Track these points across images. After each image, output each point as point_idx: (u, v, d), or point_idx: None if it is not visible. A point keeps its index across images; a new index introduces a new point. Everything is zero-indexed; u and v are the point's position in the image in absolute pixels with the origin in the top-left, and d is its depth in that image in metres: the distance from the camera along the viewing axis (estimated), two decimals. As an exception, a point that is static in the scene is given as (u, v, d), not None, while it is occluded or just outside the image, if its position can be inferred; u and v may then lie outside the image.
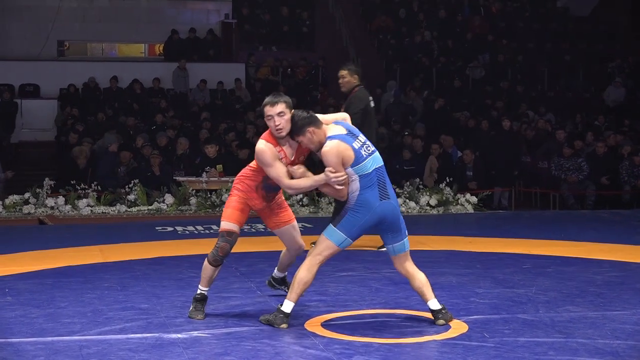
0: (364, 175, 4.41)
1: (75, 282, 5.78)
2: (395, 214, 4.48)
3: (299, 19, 17.92)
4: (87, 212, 9.93)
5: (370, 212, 4.41)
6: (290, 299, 4.49)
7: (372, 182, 4.42)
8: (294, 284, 4.49)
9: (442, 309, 4.57)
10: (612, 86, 16.14)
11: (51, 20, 16.50)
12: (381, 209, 4.42)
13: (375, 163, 4.47)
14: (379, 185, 4.44)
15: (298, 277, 4.47)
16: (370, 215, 4.41)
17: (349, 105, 7.03)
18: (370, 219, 4.42)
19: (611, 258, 6.69)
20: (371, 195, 4.41)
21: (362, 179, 4.41)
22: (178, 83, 15.58)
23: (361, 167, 4.41)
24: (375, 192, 4.42)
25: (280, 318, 4.49)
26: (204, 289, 4.71)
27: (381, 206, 4.42)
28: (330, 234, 4.47)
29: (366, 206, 4.41)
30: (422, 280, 4.57)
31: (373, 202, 4.41)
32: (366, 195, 4.41)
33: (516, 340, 4.25)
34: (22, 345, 4.20)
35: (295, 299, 4.49)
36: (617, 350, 4.10)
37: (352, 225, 4.42)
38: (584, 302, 5.11)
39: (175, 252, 7.06)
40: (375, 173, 4.44)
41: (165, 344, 4.20)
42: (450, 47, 17.25)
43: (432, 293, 4.58)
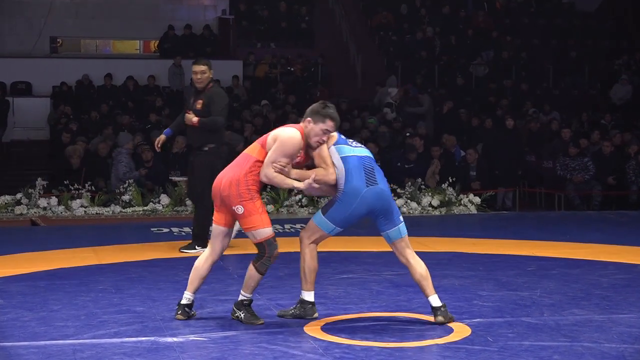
0: (346, 157, 4.46)
1: (68, 284, 5.73)
2: (384, 198, 4.49)
3: (298, 15, 17.85)
4: (81, 213, 9.86)
5: (358, 198, 4.43)
6: (308, 288, 4.59)
7: (357, 168, 4.46)
8: (304, 274, 4.54)
9: (442, 306, 4.54)
10: (619, 84, 16.06)
11: (44, 16, 16.43)
12: (369, 194, 4.44)
13: (363, 153, 4.56)
14: (365, 171, 4.47)
15: (306, 266, 4.54)
16: (359, 202, 4.43)
17: (210, 103, 6.88)
18: (360, 207, 4.45)
19: (617, 260, 6.65)
20: (358, 182, 4.44)
21: (346, 160, 4.45)
22: (174, 80, 15.49)
23: (342, 148, 4.50)
24: (361, 177, 4.45)
25: (309, 308, 4.61)
26: (248, 295, 4.60)
27: (369, 191, 4.44)
28: (319, 222, 4.54)
29: (353, 193, 4.43)
30: (422, 273, 4.55)
31: (360, 188, 4.43)
32: (353, 182, 4.44)
33: (520, 344, 4.19)
34: (15, 349, 4.14)
35: (313, 287, 4.60)
36: (624, 354, 4.05)
37: (340, 213, 4.47)
38: (589, 305, 5.07)
39: (171, 254, 7.03)
40: (359, 159, 4.50)
41: (161, 348, 4.15)
42: (453, 44, 17.17)
43: (432, 288, 4.56)
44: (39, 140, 14.25)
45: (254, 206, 4.46)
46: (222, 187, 4.50)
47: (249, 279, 4.55)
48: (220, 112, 6.94)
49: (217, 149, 6.92)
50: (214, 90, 7.03)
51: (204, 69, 6.95)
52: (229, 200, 4.48)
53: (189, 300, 4.67)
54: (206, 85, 6.96)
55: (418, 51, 16.80)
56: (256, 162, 4.50)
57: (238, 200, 4.45)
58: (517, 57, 17.03)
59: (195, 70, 6.99)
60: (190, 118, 6.90)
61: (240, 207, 4.45)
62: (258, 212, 4.46)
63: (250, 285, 4.57)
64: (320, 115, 4.48)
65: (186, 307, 4.67)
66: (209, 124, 6.87)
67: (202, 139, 6.91)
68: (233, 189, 4.46)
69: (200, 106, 6.89)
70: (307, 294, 4.60)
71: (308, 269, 4.54)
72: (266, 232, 4.48)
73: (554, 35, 17.85)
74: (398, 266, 6.34)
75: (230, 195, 4.46)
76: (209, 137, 6.91)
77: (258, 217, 4.46)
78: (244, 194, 4.45)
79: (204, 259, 4.67)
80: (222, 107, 6.94)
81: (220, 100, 6.95)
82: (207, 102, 6.88)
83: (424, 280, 4.53)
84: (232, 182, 4.47)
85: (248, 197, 4.45)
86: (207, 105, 6.87)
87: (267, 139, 4.53)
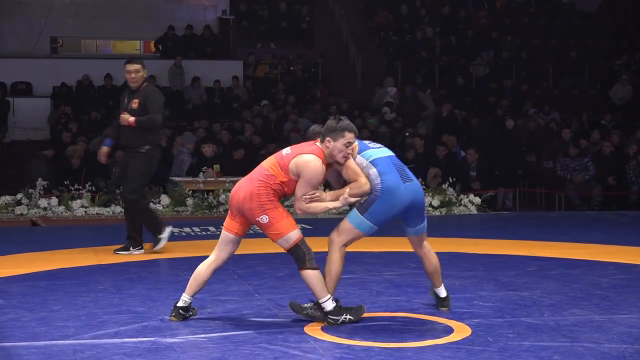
0: (374, 160, 4.50)
1: (69, 284, 5.72)
2: (420, 193, 4.59)
3: (298, 15, 17.83)
4: (81, 213, 9.85)
5: (397, 196, 4.46)
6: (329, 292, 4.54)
7: (389, 166, 4.51)
8: (329, 276, 4.50)
9: (447, 296, 4.82)
10: (619, 84, 16.04)
11: (44, 17, 16.41)
12: (407, 190, 4.49)
13: (382, 152, 4.60)
14: (397, 168, 4.53)
15: (333, 270, 4.51)
16: (398, 199, 4.46)
17: (146, 101, 6.79)
18: (400, 203, 4.48)
19: (617, 260, 6.64)
20: (394, 179, 4.48)
21: (375, 163, 4.48)
22: (174, 81, 15.48)
23: (367, 154, 4.53)
24: (396, 175, 4.49)
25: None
26: (328, 296, 4.51)
27: (406, 188, 4.49)
28: (357, 222, 4.51)
29: (392, 191, 4.46)
30: (436, 265, 4.77)
31: (398, 185, 4.47)
32: (389, 181, 4.46)
33: (520, 344, 4.18)
34: (15, 349, 4.13)
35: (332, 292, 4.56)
36: (624, 354, 4.03)
37: (381, 213, 4.48)
38: (589, 305, 5.06)
39: (171, 254, 7.01)
40: (387, 158, 4.55)
41: (162, 349, 4.13)
42: (453, 44, 17.16)
43: (441, 280, 4.80)
44: (39, 140, 14.25)
45: (278, 213, 4.44)
46: (242, 201, 4.47)
47: (316, 283, 4.46)
48: (158, 110, 6.84)
49: (153, 150, 6.85)
50: (149, 89, 6.96)
51: (138, 68, 6.85)
52: (250, 214, 4.46)
53: (185, 302, 4.65)
54: (140, 84, 6.87)
55: (418, 51, 16.79)
56: (271, 176, 4.46)
57: (260, 212, 4.43)
58: (517, 57, 17.01)
59: (129, 69, 6.85)
60: (126, 118, 6.79)
61: (264, 216, 4.44)
62: (283, 216, 4.45)
63: (322, 286, 4.48)
64: (337, 132, 4.47)
65: (181, 309, 4.65)
66: (147, 122, 6.78)
67: (139, 139, 6.79)
68: (254, 202, 4.43)
69: (137, 105, 6.80)
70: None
71: (336, 273, 4.50)
72: (296, 235, 4.46)
73: (554, 36, 17.84)
74: (398, 266, 6.37)
75: (252, 209, 4.44)
76: (145, 137, 6.80)
77: (285, 222, 4.44)
78: (265, 204, 4.42)
79: (207, 265, 4.64)
80: (159, 105, 6.86)
81: (156, 99, 6.87)
82: (143, 101, 6.80)
83: (436, 272, 4.77)
84: (253, 196, 4.43)
85: (271, 207, 4.43)
86: (143, 104, 6.79)
87: (289, 164, 4.44)
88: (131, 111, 6.82)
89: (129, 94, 6.94)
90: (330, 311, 4.52)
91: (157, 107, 6.85)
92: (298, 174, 4.45)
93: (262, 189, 4.44)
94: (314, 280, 4.47)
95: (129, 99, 6.89)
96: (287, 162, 4.48)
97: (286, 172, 4.46)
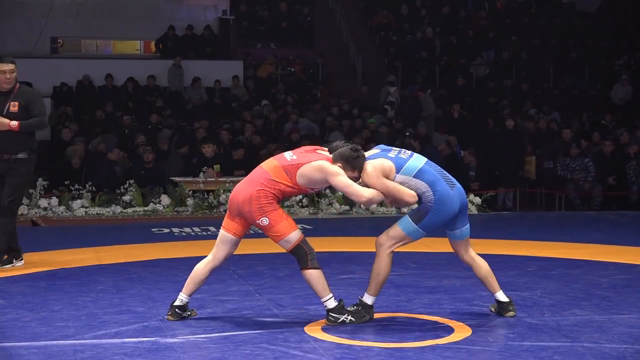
0: (417, 172, 4.47)
1: (69, 284, 5.72)
2: (465, 195, 4.60)
3: (298, 15, 17.82)
4: (82, 214, 9.84)
5: (449, 204, 4.47)
6: (373, 294, 4.56)
7: (434, 175, 4.49)
8: (377, 280, 4.51)
9: (511, 301, 4.64)
10: (619, 84, 16.03)
11: (44, 17, 16.39)
12: (456, 194, 4.50)
13: (420, 161, 4.55)
14: (441, 175, 4.53)
15: (382, 273, 4.52)
16: (450, 206, 4.48)
17: (29, 103, 6.34)
18: (452, 211, 4.49)
19: (617, 260, 6.65)
20: (443, 187, 4.48)
21: (419, 176, 4.46)
22: (173, 81, 15.48)
23: (407, 169, 4.47)
24: (443, 183, 4.49)
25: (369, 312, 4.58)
26: (330, 295, 4.51)
27: (455, 192, 4.50)
28: (410, 231, 4.51)
29: (445, 201, 4.47)
30: (488, 270, 4.64)
31: (449, 192, 4.48)
32: (440, 190, 4.46)
33: (521, 344, 4.18)
34: (15, 349, 4.12)
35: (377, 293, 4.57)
36: (624, 354, 4.03)
37: (434, 223, 4.50)
38: (590, 305, 5.06)
39: (172, 254, 7.02)
40: (428, 166, 4.53)
41: (162, 349, 4.13)
42: (454, 44, 17.15)
43: (497, 284, 4.64)
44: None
45: (278, 215, 4.44)
46: (241, 203, 4.47)
47: (317, 282, 4.47)
48: (44, 112, 6.50)
49: (32, 155, 6.44)
50: (27, 90, 6.57)
51: (13, 68, 6.34)
52: (250, 216, 4.46)
53: (182, 302, 4.65)
54: (14, 85, 6.37)
55: (418, 51, 16.78)
56: (273, 182, 4.46)
57: (260, 214, 4.43)
58: (518, 57, 17.01)
59: (4, 69, 6.29)
60: (6, 123, 6.21)
61: (264, 219, 4.44)
62: (282, 218, 4.45)
63: (324, 286, 4.48)
64: (350, 166, 4.46)
65: (177, 308, 4.65)
66: (36, 125, 6.39)
67: (20, 145, 6.30)
68: (253, 205, 4.43)
69: (17, 108, 6.28)
70: (371, 299, 4.57)
71: (383, 277, 4.53)
72: (296, 235, 4.46)
73: (554, 36, 17.83)
74: (398, 266, 6.35)
75: (252, 211, 4.44)
76: (26, 142, 6.35)
77: (285, 223, 4.45)
78: (264, 206, 4.43)
79: (204, 264, 4.65)
80: (43, 107, 6.51)
81: (40, 100, 6.51)
82: (24, 104, 6.31)
83: (490, 276, 4.66)
84: (252, 198, 4.44)
85: (270, 209, 4.43)
86: (25, 106, 6.31)
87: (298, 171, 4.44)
88: (10, 115, 6.28)
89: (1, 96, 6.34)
90: (332, 309, 4.52)
91: (42, 108, 6.47)
92: (311, 180, 4.45)
93: (262, 192, 4.44)
94: (315, 280, 4.47)
95: (1, 101, 6.32)
96: (294, 168, 4.46)
97: (292, 178, 4.46)
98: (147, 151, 10.84)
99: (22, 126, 6.28)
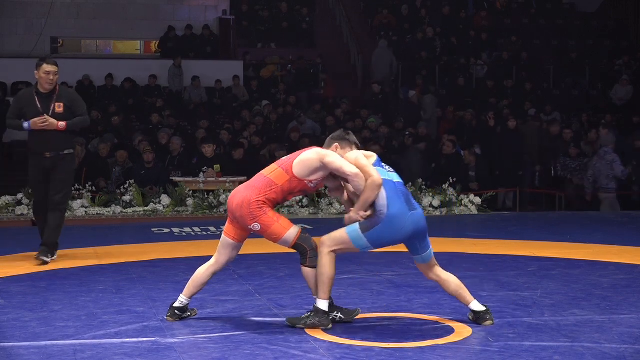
0: (385, 180, 4.42)
1: (69, 284, 5.72)
2: (423, 222, 4.49)
3: (299, 15, 17.82)
4: (82, 214, 9.84)
5: (401, 224, 4.38)
6: (324, 297, 4.45)
7: (396, 192, 4.43)
8: (322, 281, 4.42)
9: (487, 310, 4.54)
10: (619, 84, 16.02)
11: (44, 17, 16.39)
12: (413, 219, 4.41)
13: (395, 178, 4.51)
14: (404, 196, 4.46)
15: (325, 274, 4.42)
16: (401, 227, 4.39)
17: (72, 104, 6.59)
18: (403, 232, 4.40)
19: (618, 261, 6.64)
20: (401, 206, 4.41)
21: (385, 184, 4.41)
22: (173, 81, 15.48)
23: (380, 171, 4.45)
24: (402, 202, 4.43)
25: (324, 319, 4.46)
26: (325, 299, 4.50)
27: (412, 216, 4.41)
28: (355, 237, 4.43)
29: (396, 219, 4.38)
30: (457, 283, 4.56)
31: (405, 213, 4.41)
32: (397, 207, 4.39)
33: (521, 344, 4.18)
34: (15, 349, 4.13)
35: (329, 296, 4.47)
36: (624, 354, 4.03)
37: (380, 237, 4.41)
38: (590, 305, 5.06)
39: (172, 254, 7.03)
40: (397, 184, 4.48)
41: (162, 349, 4.13)
42: (454, 44, 17.15)
43: (470, 295, 4.57)
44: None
45: (269, 218, 4.45)
46: (235, 208, 4.50)
47: (310, 282, 4.49)
48: (86, 111, 6.75)
49: (74, 152, 6.82)
50: (68, 90, 6.77)
51: (57, 70, 6.54)
52: (242, 221, 4.49)
53: (182, 303, 4.66)
54: (56, 86, 6.60)
55: (418, 51, 16.79)
56: (269, 181, 4.48)
57: (251, 220, 4.45)
58: (518, 57, 17.01)
59: (48, 70, 6.48)
60: (55, 124, 6.50)
61: (256, 224, 4.46)
62: (274, 221, 4.45)
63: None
64: (347, 142, 4.57)
65: (177, 310, 4.66)
66: (80, 124, 6.69)
67: (64, 142, 6.61)
68: (245, 210, 4.45)
69: (62, 109, 6.53)
70: (323, 303, 4.46)
71: (328, 277, 4.42)
72: (293, 233, 4.47)
73: (555, 36, 17.83)
74: (399, 267, 6.37)
75: (243, 216, 4.46)
76: (70, 140, 6.69)
77: (277, 225, 4.45)
78: (255, 212, 4.44)
79: (206, 267, 4.65)
80: (85, 106, 6.74)
81: (81, 99, 6.75)
82: (68, 104, 6.56)
83: (461, 289, 4.55)
84: (244, 204, 4.45)
85: (260, 214, 4.44)
86: (69, 107, 6.59)
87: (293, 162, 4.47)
88: (55, 115, 6.53)
89: (42, 97, 6.54)
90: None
91: (85, 108, 6.72)
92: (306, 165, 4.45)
93: (254, 196, 4.45)
94: (310, 278, 4.50)
95: (46, 102, 6.53)
96: (289, 161, 4.51)
97: (288, 171, 4.47)
98: (147, 151, 10.84)
99: (69, 126, 6.58)
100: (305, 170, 4.47)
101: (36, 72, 6.55)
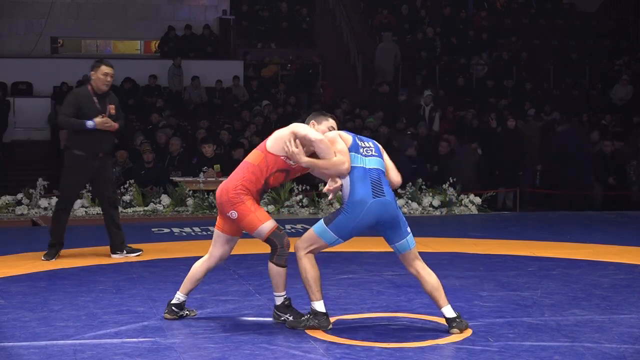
0: (356, 167, 4.36)
1: (69, 284, 5.72)
2: (390, 209, 4.35)
3: (299, 15, 17.82)
4: (81, 214, 9.84)
5: (364, 210, 4.30)
6: (317, 298, 4.42)
7: (364, 178, 4.35)
8: (309, 285, 4.40)
9: (457, 317, 4.40)
10: (619, 84, 16.02)
11: (44, 17, 16.39)
12: (376, 205, 4.31)
13: (372, 164, 4.42)
14: (372, 183, 4.36)
15: (309, 276, 4.39)
16: (365, 213, 4.30)
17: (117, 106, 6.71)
18: (366, 218, 4.31)
19: (618, 260, 6.64)
20: (364, 192, 4.32)
21: (354, 170, 4.36)
22: (173, 81, 15.48)
23: (355, 157, 4.38)
24: (368, 188, 4.33)
25: (324, 320, 4.43)
26: (282, 293, 4.54)
27: (375, 203, 4.31)
28: (321, 232, 4.39)
29: (359, 204, 4.31)
30: (434, 284, 4.40)
31: (366, 199, 4.31)
32: (359, 192, 4.32)
33: (521, 344, 4.18)
34: (15, 349, 4.13)
35: (321, 296, 4.44)
36: (624, 354, 4.03)
37: (345, 225, 4.34)
38: (590, 305, 5.06)
39: (172, 254, 7.03)
40: (368, 171, 4.38)
41: (162, 349, 4.13)
42: (454, 44, 17.15)
43: (445, 299, 4.40)
44: (40, 140, 14.24)
45: (246, 207, 4.44)
46: (217, 196, 4.54)
47: (275, 278, 4.50)
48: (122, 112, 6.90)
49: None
50: (112, 93, 6.83)
51: (114, 72, 6.63)
52: (222, 209, 4.51)
53: (179, 300, 4.67)
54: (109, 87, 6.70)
55: (418, 52, 16.79)
56: (249, 165, 4.50)
57: (230, 207, 4.46)
58: (518, 57, 17.01)
59: (107, 72, 6.56)
60: (115, 126, 6.66)
61: (233, 212, 4.46)
62: (251, 211, 4.44)
63: (279, 283, 4.50)
64: (322, 116, 4.61)
65: (174, 306, 4.66)
66: (125, 126, 6.92)
67: (109, 142, 6.79)
68: (224, 197, 4.47)
69: (115, 111, 6.68)
70: (318, 304, 4.43)
71: (312, 278, 4.40)
72: (268, 226, 4.45)
73: (555, 36, 17.82)
74: (399, 267, 6.34)
75: (223, 203, 4.49)
76: (112, 140, 6.87)
77: (253, 216, 4.44)
78: (233, 199, 4.44)
79: (201, 263, 4.67)
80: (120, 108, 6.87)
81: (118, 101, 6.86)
82: (117, 106, 6.74)
83: (436, 291, 4.38)
84: (223, 191, 4.49)
85: (238, 201, 4.44)
86: (117, 108, 6.73)
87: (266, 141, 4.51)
88: (110, 116, 6.65)
89: (98, 97, 6.60)
90: (278, 306, 4.56)
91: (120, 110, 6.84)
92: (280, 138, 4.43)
93: (233, 183, 4.46)
94: (272, 275, 4.50)
95: (102, 102, 6.61)
96: (265, 141, 4.55)
97: (263, 150, 4.48)
98: (147, 151, 10.84)
99: (120, 127, 6.79)
100: (278, 144, 4.45)
101: (92, 73, 6.56)
